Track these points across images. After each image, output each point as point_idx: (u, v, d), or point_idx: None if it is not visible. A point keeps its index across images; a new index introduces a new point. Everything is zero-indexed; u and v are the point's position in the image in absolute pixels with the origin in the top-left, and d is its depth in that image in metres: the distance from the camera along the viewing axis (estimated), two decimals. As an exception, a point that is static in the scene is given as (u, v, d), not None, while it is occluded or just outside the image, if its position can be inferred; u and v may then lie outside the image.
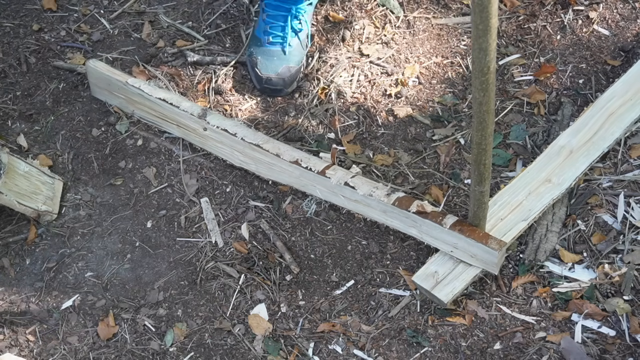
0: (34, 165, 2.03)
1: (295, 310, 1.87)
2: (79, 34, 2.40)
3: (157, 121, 2.15)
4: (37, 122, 2.22)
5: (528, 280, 1.82)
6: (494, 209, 1.83)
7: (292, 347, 1.81)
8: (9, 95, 2.28)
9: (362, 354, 1.78)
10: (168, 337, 1.85)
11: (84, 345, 1.86)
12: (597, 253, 1.83)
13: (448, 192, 1.96)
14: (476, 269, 1.78)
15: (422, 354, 1.77)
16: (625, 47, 2.16)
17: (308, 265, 1.93)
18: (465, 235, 1.73)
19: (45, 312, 1.92)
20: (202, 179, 2.08)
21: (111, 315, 1.89)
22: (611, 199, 1.89)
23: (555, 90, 2.12)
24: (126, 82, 2.13)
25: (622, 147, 1.97)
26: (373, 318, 1.83)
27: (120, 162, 2.13)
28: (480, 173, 1.57)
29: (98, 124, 2.21)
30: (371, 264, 1.90)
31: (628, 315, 1.73)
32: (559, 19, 2.24)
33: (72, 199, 2.08)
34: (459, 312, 1.80)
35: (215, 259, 1.95)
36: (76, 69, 2.30)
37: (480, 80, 1.35)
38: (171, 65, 2.29)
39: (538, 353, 1.73)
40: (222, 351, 1.83)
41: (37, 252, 2.01)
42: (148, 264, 1.97)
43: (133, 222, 2.04)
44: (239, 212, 2.01)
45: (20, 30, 2.41)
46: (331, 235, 1.96)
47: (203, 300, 1.90)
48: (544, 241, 1.84)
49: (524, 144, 2.03)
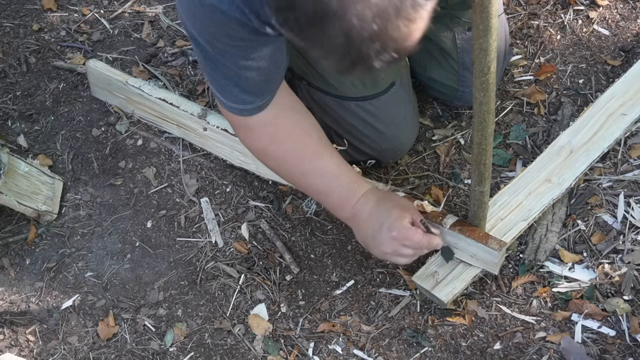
0: (34, 165, 2.03)
1: (295, 310, 1.87)
2: (79, 34, 2.40)
3: (157, 121, 2.15)
4: (37, 122, 2.23)
5: (528, 280, 1.82)
6: (494, 209, 1.83)
7: (292, 347, 1.81)
8: (9, 95, 2.28)
9: (362, 354, 1.78)
10: (168, 337, 1.85)
11: (84, 345, 1.86)
12: (597, 253, 1.83)
13: (448, 192, 1.96)
14: (476, 269, 1.78)
15: (422, 354, 1.77)
16: (625, 47, 2.16)
17: (308, 265, 1.93)
18: (465, 235, 1.73)
19: (45, 312, 1.92)
20: (202, 179, 2.08)
21: (111, 315, 1.89)
22: (611, 199, 1.89)
23: (555, 90, 2.12)
24: (126, 82, 2.13)
25: (622, 147, 1.97)
26: (373, 318, 1.83)
27: (120, 162, 2.13)
28: (480, 173, 1.57)
29: (98, 124, 2.21)
30: (371, 264, 1.90)
31: (628, 315, 1.73)
32: (559, 19, 2.24)
33: (72, 199, 2.08)
34: (459, 312, 1.80)
35: (215, 259, 1.95)
36: (76, 69, 2.31)
37: (481, 80, 1.35)
38: (171, 65, 2.29)
39: (538, 353, 1.73)
40: (222, 351, 1.83)
41: (37, 252, 2.01)
42: (148, 264, 1.97)
43: (133, 222, 2.04)
44: (239, 212, 2.01)
45: (20, 30, 2.42)
46: (331, 235, 1.96)
47: (203, 300, 1.90)
48: (544, 241, 1.84)
49: (524, 144, 2.03)
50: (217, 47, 1.41)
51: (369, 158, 1.93)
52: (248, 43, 1.40)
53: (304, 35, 1.05)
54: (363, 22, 0.99)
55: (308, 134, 1.64)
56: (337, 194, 1.67)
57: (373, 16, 0.98)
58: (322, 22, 1.00)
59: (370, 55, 1.03)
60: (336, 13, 0.98)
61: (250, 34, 1.37)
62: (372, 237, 1.67)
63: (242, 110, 1.55)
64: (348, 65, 1.07)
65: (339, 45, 1.02)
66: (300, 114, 1.65)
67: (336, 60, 1.06)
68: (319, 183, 1.66)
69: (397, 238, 1.63)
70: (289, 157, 1.64)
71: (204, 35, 1.41)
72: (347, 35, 1.00)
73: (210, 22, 1.36)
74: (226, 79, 1.48)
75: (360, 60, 1.05)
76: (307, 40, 1.06)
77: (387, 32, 1.00)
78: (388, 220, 1.64)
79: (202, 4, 1.32)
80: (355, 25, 0.99)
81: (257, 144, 1.64)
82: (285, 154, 1.64)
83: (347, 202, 1.68)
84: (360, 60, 1.05)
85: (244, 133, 1.63)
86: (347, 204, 1.68)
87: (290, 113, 1.61)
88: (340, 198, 1.67)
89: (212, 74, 1.50)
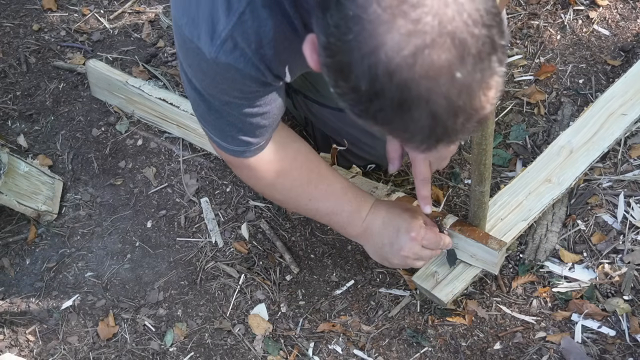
0: (34, 165, 2.03)
1: (295, 310, 1.87)
2: (79, 34, 2.40)
3: (157, 121, 2.15)
4: (37, 122, 2.23)
5: (528, 280, 1.82)
6: (494, 209, 1.83)
7: (292, 347, 1.81)
8: (9, 95, 2.28)
9: (362, 354, 1.78)
10: (168, 337, 1.85)
11: (84, 345, 1.86)
12: (597, 253, 1.83)
13: (448, 192, 1.96)
14: (476, 269, 1.78)
15: (422, 354, 1.77)
16: (625, 47, 2.16)
17: (308, 265, 1.93)
18: (465, 235, 1.73)
19: (45, 312, 1.92)
20: (202, 179, 2.08)
21: (111, 315, 1.89)
22: (611, 199, 1.89)
23: (555, 90, 2.12)
24: (126, 82, 2.13)
25: (622, 147, 1.97)
26: (373, 318, 1.83)
27: (120, 162, 2.13)
28: (481, 173, 1.57)
29: (98, 124, 2.21)
30: (371, 264, 1.90)
31: (628, 315, 1.73)
32: (559, 19, 2.24)
33: (72, 199, 2.08)
34: (459, 312, 1.80)
35: (215, 259, 1.95)
36: (76, 69, 2.31)
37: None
38: (171, 65, 2.29)
39: (538, 353, 1.73)
40: (222, 351, 1.83)
41: (37, 252, 2.01)
42: (148, 264, 1.97)
43: (133, 222, 2.04)
44: (239, 212, 2.01)
45: (20, 30, 2.42)
46: (331, 235, 1.96)
47: (203, 300, 1.90)
48: (544, 241, 1.84)
49: (524, 144, 2.03)
50: (223, 100, 1.39)
51: (368, 163, 1.94)
52: (256, 93, 1.39)
53: (387, 123, 1.03)
54: (449, 101, 0.98)
55: (309, 160, 1.64)
56: (346, 210, 1.67)
57: (459, 93, 0.97)
58: (409, 108, 0.98)
59: (456, 129, 1.02)
60: (422, 97, 0.97)
61: (260, 86, 1.36)
62: (389, 244, 1.67)
63: (244, 152, 1.52)
64: (432, 144, 1.05)
65: (425, 127, 1.01)
66: (297, 142, 1.64)
67: (420, 140, 1.04)
68: (327, 204, 1.66)
69: (416, 238, 1.64)
70: (297, 185, 1.64)
71: (211, 91, 1.39)
72: (433, 116, 0.99)
73: (222, 79, 1.33)
74: (229, 126, 1.45)
75: (445, 136, 1.03)
76: (391, 127, 1.04)
77: (471, 105, 1.00)
78: (403, 223, 1.65)
79: (217, 62, 1.28)
80: (442, 105, 0.98)
81: (263, 182, 1.62)
82: (292, 183, 1.63)
83: (357, 216, 1.68)
84: (445, 136, 1.03)
85: (247, 172, 1.60)
86: (358, 217, 1.68)
87: (288, 144, 1.60)
88: (350, 213, 1.67)
89: (213, 122, 1.47)
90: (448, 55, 0.95)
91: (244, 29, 1.24)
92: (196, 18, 1.28)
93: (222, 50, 1.26)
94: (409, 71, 0.96)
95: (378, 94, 0.99)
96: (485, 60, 0.98)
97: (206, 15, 1.27)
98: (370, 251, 1.73)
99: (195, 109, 1.50)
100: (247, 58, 1.28)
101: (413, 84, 0.96)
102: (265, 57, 1.28)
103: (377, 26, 0.95)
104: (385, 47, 0.95)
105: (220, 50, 1.26)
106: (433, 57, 0.95)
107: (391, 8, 0.94)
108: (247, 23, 1.24)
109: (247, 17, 1.23)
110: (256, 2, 1.23)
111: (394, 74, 0.96)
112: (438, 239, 1.69)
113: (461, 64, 0.96)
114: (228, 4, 1.24)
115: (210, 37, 1.26)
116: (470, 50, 0.96)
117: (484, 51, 0.97)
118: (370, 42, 0.96)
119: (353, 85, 1.01)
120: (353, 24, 0.97)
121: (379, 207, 1.69)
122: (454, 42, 0.95)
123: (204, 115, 1.48)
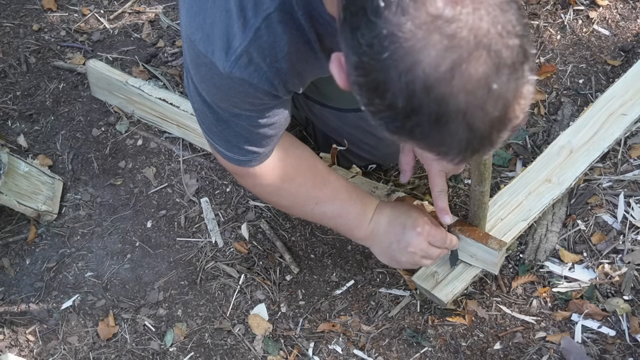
0: (34, 165, 2.03)
1: (295, 310, 1.87)
2: (79, 34, 2.40)
3: (157, 121, 2.15)
4: (37, 122, 2.23)
5: (528, 280, 1.82)
6: (494, 209, 1.83)
7: (292, 347, 1.81)
8: (9, 95, 2.28)
9: (362, 354, 1.78)
10: (168, 337, 1.86)
11: (84, 345, 1.86)
12: (597, 253, 1.83)
13: (448, 192, 1.96)
14: (476, 269, 1.78)
15: (422, 354, 1.77)
16: (625, 47, 2.16)
17: (308, 265, 1.93)
18: (465, 235, 1.73)
19: (45, 312, 1.92)
20: (202, 179, 2.08)
21: (111, 315, 1.89)
22: (611, 199, 1.89)
23: (555, 90, 2.12)
24: (126, 82, 2.13)
25: (622, 147, 1.97)
26: (373, 318, 1.83)
27: (120, 162, 2.14)
28: (481, 173, 1.57)
29: (98, 124, 2.21)
30: (371, 264, 1.90)
31: (628, 315, 1.73)
32: (559, 19, 2.24)
33: (72, 199, 2.08)
34: (459, 312, 1.80)
35: (215, 259, 1.95)
36: (76, 69, 2.31)
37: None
38: (171, 65, 2.29)
39: (538, 353, 1.73)
40: (222, 351, 1.83)
41: (37, 252, 2.01)
42: (148, 264, 1.97)
43: (133, 222, 2.04)
44: (239, 212, 2.01)
45: (20, 30, 2.42)
46: (331, 235, 1.96)
47: (203, 300, 1.90)
48: (544, 241, 1.84)
49: (524, 144, 2.03)
50: (233, 112, 1.40)
51: (369, 163, 1.94)
52: (266, 105, 1.40)
53: (424, 138, 1.03)
54: (486, 112, 0.98)
55: (312, 164, 1.65)
56: (353, 212, 1.68)
57: (495, 104, 0.97)
58: (446, 122, 0.98)
59: (491, 140, 1.02)
60: (460, 110, 0.97)
61: (271, 99, 1.37)
62: (397, 242, 1.67)
63: (249, 161, 1.52)
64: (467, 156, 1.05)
65: (462, 140, 1.00)
66: (299, 148, 1.65)
67: (457, 153, 1.04)
68: (334, 207, 1.67)
69: (422, 234, 1.66)
70: (302, 190, 1.64)
71: (221, 104, 1.39)
72: (470, 128, 0.99)
73: (235, 93, 1.34)
74: (237, 137, 1.46)
75: (481, 147, 1.03)
76: (427, 141, 1.03)
77: (507, 115, 1.00)
78: (409, 219, 1.67)
79: (231, 77, 1.28)
80: (479, 117, 0.98)
81: (269, 188, 1.62)
82: (298, 188, 1.64)
83: (364, 218, 1.68)
84: (481, 147, 1.03)
85: (252, 181, 1.60)
86: (364, 219, 1.68)
87: (291, 149, 1.61)
88: (357, 215, 1.68)
89: (220, 133, 1.47)
90: (484, 68, 0.95)
91: (259, 44, 1.25)
92: (211, 34, 1.28)
93: (237, 65, 1.27)
94: (447, 86, 0.95)
95: (415, 110, 0.98)
96: (519, 69, 0.98)
97: (222, 31, 1.27)
98: (377, 253, 1.74)
99: (201, 120, 1.50)
100: (262, 73, 1.29)
101: (451, 98, 0.96)
102: (281, 71, 1.29)
103: (414, 43, 0.95)
104: (423, 63, 0.95)
105: (235, 66, 1.27)
106: (470, 70, 0.95)
107: (426, 24, 0.94)
108: (262, 38, 1.24)
109: (262, 32, 1.24)
110: (272, 17, 1.23)
111: (431, 89, 0.96)
112: (444, 235, 1.70)
113: (497, 76, 0.96)
114: (244, 20, 1.24)
115: (225, 52, 1.27)
116: (505, 62, 0.96)
117: (518, 61, 0.97)
118: (406, 59, 0.96)
119: (389, 103, 1.00)
120: (388, 42, 0.96)
121: (383, 207, 1.70)
122: (490, 54, 0.95)
123: (210, 127, 1.49)
